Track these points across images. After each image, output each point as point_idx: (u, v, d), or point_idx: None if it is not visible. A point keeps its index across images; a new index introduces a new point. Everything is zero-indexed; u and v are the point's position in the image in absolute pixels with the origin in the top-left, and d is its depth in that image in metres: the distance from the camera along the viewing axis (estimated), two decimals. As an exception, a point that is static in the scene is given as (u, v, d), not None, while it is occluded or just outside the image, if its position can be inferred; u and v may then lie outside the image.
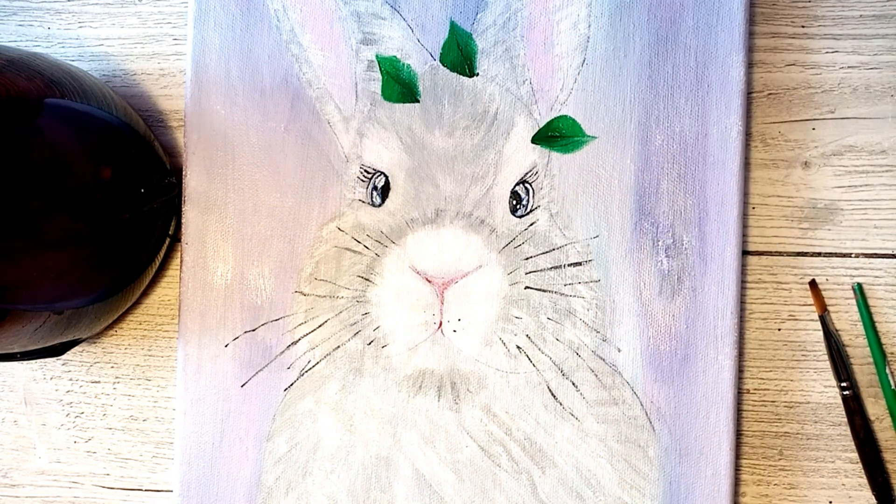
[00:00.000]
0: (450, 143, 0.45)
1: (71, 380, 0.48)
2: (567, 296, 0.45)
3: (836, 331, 0.45)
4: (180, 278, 0.46)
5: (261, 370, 0.46)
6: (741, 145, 0.44)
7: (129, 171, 0.42)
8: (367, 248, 0.45)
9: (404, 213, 0.45)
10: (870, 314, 0.45)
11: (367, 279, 0.45)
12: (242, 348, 0.46)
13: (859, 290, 0.45)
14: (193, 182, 0.46)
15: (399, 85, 0.45)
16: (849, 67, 0.46)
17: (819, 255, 0.46)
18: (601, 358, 0.45)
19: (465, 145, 0.45)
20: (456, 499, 0.45)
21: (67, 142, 0.39)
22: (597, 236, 0.45)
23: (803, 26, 0.46)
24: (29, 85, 0.38)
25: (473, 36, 0.45)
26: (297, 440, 0.45)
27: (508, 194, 0.45)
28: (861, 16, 0.45)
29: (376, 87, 0.46)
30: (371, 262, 0.45)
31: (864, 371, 0.45)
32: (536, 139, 0.45)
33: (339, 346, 0.45)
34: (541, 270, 0.45)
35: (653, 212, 0.44)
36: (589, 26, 0.45)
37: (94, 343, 0.48)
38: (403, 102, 0.45)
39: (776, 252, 0.46)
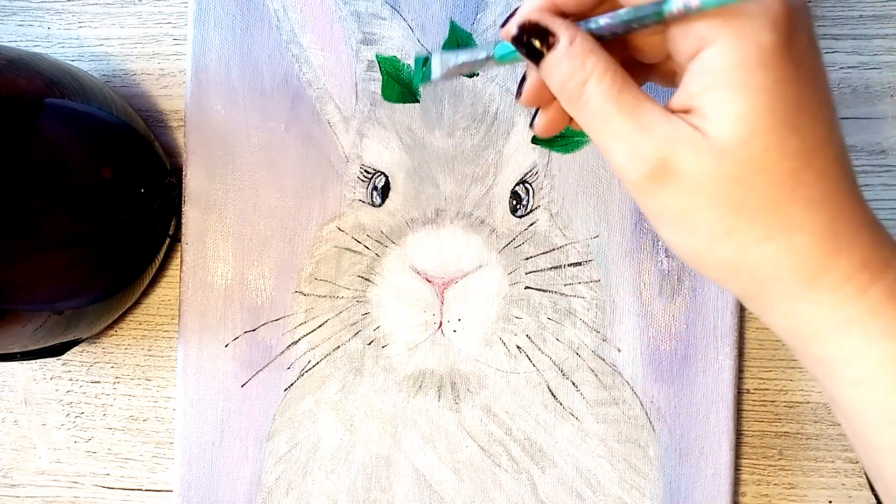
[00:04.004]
0: (450, 143, 0.45)
1: (71, 380, 0.48)
2: (567, 296, 0.45)
3: (836, 331, 0.45)
4: (180, 278, 0.46)
5: (261, 370, 0.46)
6: (741, 145, 0.44)
7: (129, 171, 0.42)
8: (367, 248, 0.45)
9: (404, 213, 0.45)
10: (870, 314, 0.45)
11: (367, 279, 0.45)
12: (242, 348, 0.46)
13: (859, 290, 0.45)
14: (193, 182, 0.46)
15: (399, 85, 0.45)
16: (849, 67, 0.46)
17: (819, 255, 0.46)
18: (601, 358, 0.45)
19: (465, 145, 0.45)
20: (456, 499, 0.45)
21: (67, 142, 0.39)
22: (597, 236, 0.45)
23: (803, 26, 0.46)
24: (29, 85, 0.38)
25: (473, 36, 0.45)
26: (298, 440, 0.45)
27: (508, 194, 0.45)
28: (861, 16, 0.45)
29: (376, 87, 0.45)
30: (371, 262, 0.45)
31: (863, 371, 0.45)
32: (536, 139, 0.45)
33: (339, 346, 0.45)
34: (541, 270, 0.45)
35: (653, 212, 0.44)
36: (589, 26, 0.45)
37: (94, 343, 0.48)
38: (403, 102, 0.45)
39: (776, 252, 0.46)
